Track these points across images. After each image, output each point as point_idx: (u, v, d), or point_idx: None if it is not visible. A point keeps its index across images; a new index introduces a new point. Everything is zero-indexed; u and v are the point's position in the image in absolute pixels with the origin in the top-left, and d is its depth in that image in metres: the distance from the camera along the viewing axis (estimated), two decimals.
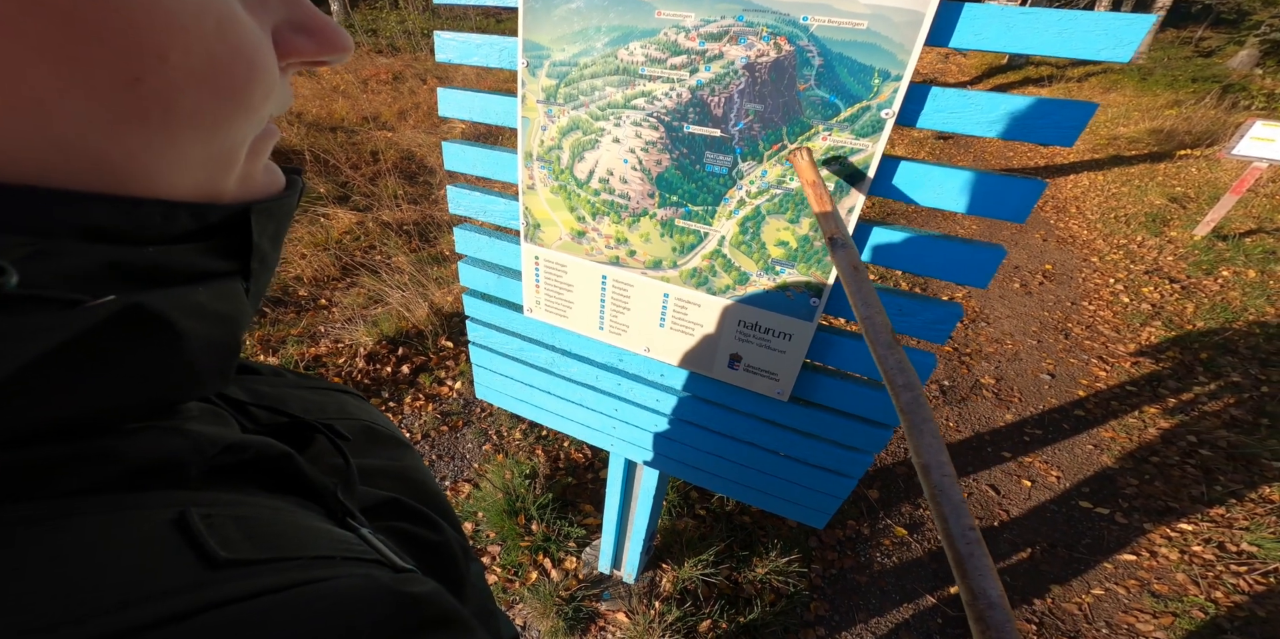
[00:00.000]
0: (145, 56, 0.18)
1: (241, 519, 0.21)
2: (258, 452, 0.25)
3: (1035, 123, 0.57)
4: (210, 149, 0.22)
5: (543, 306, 1.02)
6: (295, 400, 0.37)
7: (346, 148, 4.52)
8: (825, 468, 0.97)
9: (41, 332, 0.17)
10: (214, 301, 0.22)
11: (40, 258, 0.17)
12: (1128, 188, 5.43)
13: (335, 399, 0.41)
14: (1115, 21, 0.51)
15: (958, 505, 0.36)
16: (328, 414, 0.38)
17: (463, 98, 0.92)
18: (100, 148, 0.18)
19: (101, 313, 0.18)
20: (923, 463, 0.39)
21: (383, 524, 0.30)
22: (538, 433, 2.30)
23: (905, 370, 0.44)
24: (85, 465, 0.19)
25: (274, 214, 0.26)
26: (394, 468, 0.37)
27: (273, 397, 0.35)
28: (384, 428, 0.42)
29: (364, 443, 0.38)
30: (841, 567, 1.94)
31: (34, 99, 0.16)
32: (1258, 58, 10.26)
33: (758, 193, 0.72)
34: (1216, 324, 3.27)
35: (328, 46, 0.26)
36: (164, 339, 0.20)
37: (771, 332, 0.83)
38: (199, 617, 0.16)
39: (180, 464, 0.22)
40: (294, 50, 0.25)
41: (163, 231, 0.21)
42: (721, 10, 0.64)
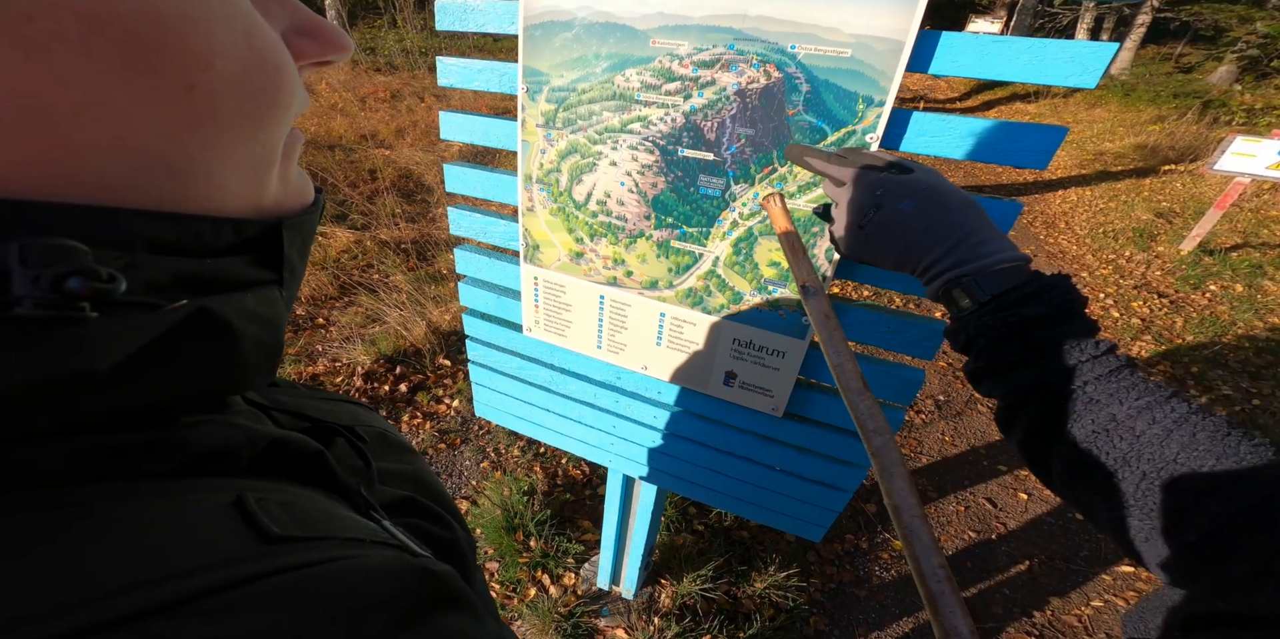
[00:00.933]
0: (195, 66, 0.20)
1: (284, 504, 0.24)
2: (297, 447, 0.28)
3: (1009, 146, 0.60)
4: (253, 148, 0.24)
5: (542, 326, 1.04)
6: (312, 409, 0.39)
7: (344, 166, 4.56)
8: (820, 482, 0.98)
9: (138, 330, 0.19)
10: (260, 306, 0.25)
11: (130, 269, 0.19)
12: (1115, 203, 5.52)
13: (347, 409, 0.43)
14: (1081, 49, 0.54)
15: (928, 545, 0.37)
16: (342, 421, 0.39)
17: (464, 121, 0.94)
18: (166, 153, 0.20)
19: (177, 315, 0.21)
20: (894, 504, 0.40)
21: (399, 520, 0.32)
22: (535, 450, 2.30)
23: (876, 416, 0.45)
24: (158, 452, 0.21)
25: (300, 229, 0.28)
26: (407, 471, 0.39)
27: (292, 404, 0.37)
28: (394, 435, 0.44)
29: (379, 447, 0.40)
30: (840, 581, 1.93)
31: (109, 110, 0.18)
32: (1236, 73, 10.50)
33: (750, 214, 0.75)
34: (1206, 338, 3.30)
35: (330, 47, 0.28)
36: (225, 338, 0.23)
37: (765, 349, 0.84)
38: (257, 583, 0.18)
39: (235, 454, 0.24)
40: (301, 52, 0.27)
41: (211, 245, 0.23)
42: (713, 39, 0.67)
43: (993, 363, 0.47)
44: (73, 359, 0.18)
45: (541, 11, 0.74)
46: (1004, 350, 0.46)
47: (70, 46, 0.17)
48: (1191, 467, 0.39)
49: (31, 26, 0.16)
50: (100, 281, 0.17)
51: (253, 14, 0.22)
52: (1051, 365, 0.45)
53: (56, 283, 0.16)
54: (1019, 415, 0.48)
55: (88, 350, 0.18)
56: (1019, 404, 0.47)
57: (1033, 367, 0.45)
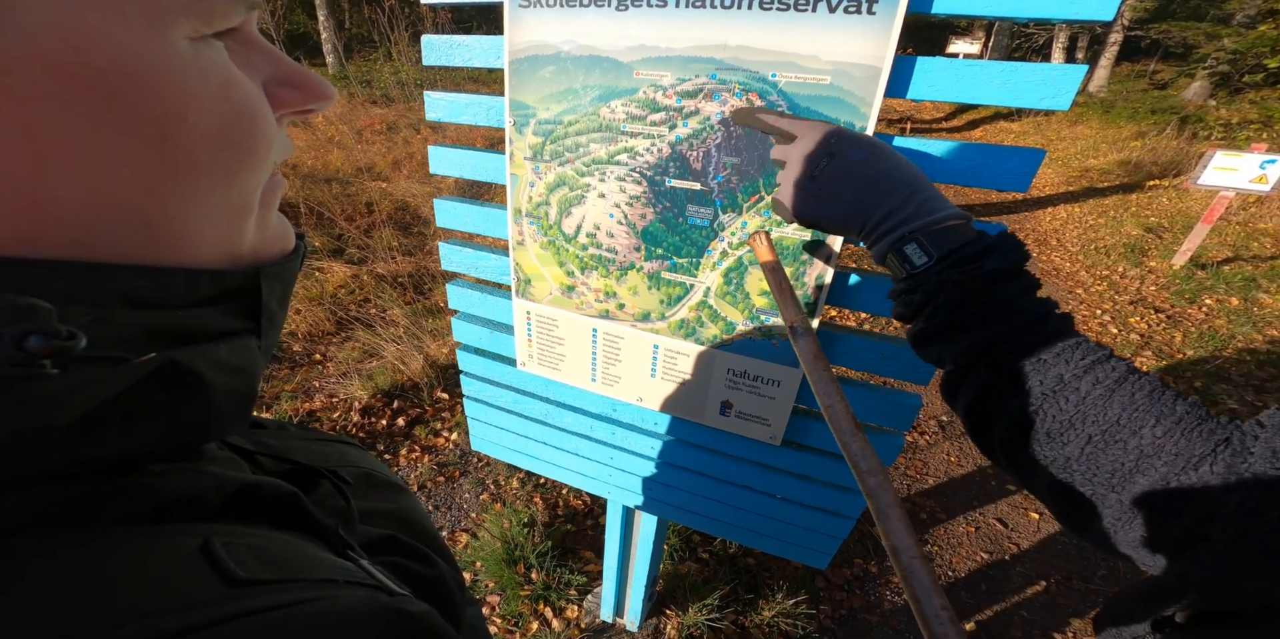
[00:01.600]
0: (169, 118, 0.20)
1: (254, 547, 0.23)
2: (269, 491, 0.28)
3: (989, 171, 0.60)
4: (229, 197, 0.24)
5: (535, 360, 1.03)
6: (300, 451, 0.39)
7: (341, 199, 4.59)
8: (822, 509, 0.96)
9: (101, 384, 0.20)
10: (233, 356, 0.25)
11: (99, 323, 0.20)
12: (1104, 219, 5.57)
13: (336, 449, 0.44)
14: (1052, 72, 0.55)
15: (928, 586, 0.37)
16: (329, 462, 0.40)
17: (453, 155, 0.95)
18: (141, 205, 0.21)
19: (145, 368, 0.21)
20: (892, 545, 0.39)
21: (380, 559, 0.32)
22: (535, 481, 2.26)
23: (868, 456, 0.44)
24: (123, 500, 0.21)
25: (280, 277, 0.28)
26: (391, 510, 0.39)
27: (278, 447, 0.38)
28: (382, 474, 0.44)
29: (363, 488, 0.40)
30: (851, 607, 1.88)
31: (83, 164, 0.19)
32: (1210, 89, 10.74)
33: (739, 244, 0.74)
34: (1206, 352, 3.30)
35: (311, 96, 0.28)
36: (194, 389, 0.23)
37: (760, 378, 0.83)
38: (223, 626, 0.18)
39: (203, 500, 0.24)
40: (283, 102, 0.27)
41: (187, 296, 0.23)
42: (695, 69, 0.68)
43: (947, 322, 0.46)
44: (33, 414, 0.18)
45: (526, 45, 0.75)
46: (961, 309, 0.45)
47: (44, 100, 0.17)
48: (1133, 428, 0.39)
49: (7, 81, 0.17)
50: (60, 339, 0.17)
51: (228, 67, 0.23)
52: (1006, 323, 0.44)
53: (18, 341, 0.17)
54: (968, 378, 0.47)
55: (47, 406, 0.18)
56: (969, 366, 0.46)
57: (987, 325, 0.44)
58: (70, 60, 0.18)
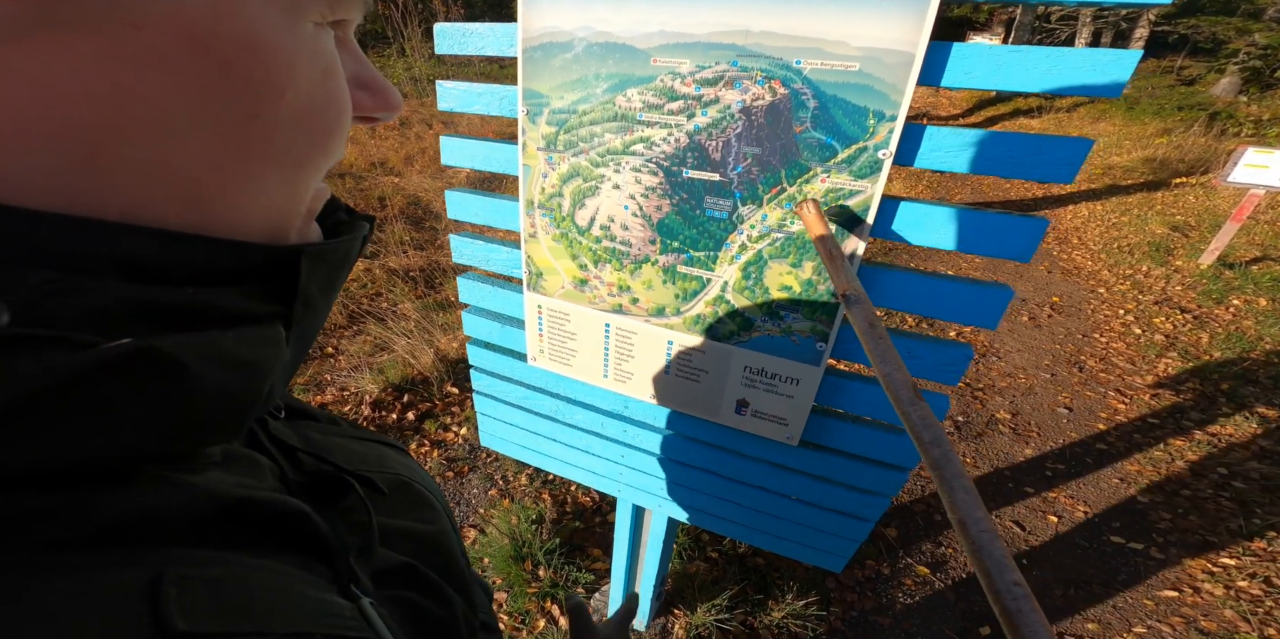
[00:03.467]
0: (268, 95, 0.20)
1: (217, 583, 0.19)
2: (270, 510, 0.24)
3: (1032, 160, 0.57)
4: (287, 190, 0.23)
5: (546, 355, 1.01)
6: (340, 450, 0.36)
7: (355, 194, 4.61)
8: (840, 511, 0.93)
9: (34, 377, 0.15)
10: (241, 347, 0.21)
11: (61, 294, 0.16)
12: (1127, 217, 5.46)
13: (376, 452, 0.41)
14: (1104, 57, 0.51)
15: (1000, 561, 0.34)
16: (368, 466, 0.37)
17: (465, 146, 0.93)
18: (200, 178, 0.20)
19: (103, 356, 0.17)
20: (959, 518, 0.37)
21: (391, 592, 0.29)
22: (544, 478, 2.25)
23: (931, 426, 0.42)
24: (56, 520, 0.17)
25: (328, 258, 0.26)
26: (422, 532, 0.35)
27: (322, 444, 0.35)
28: (422, 485, 0.40)
29: (399, 500, 0.36)
30: (862, 608, 1.85)
31: (165, 129, 0.18)
32: (1239, 85, 10.48)
33: (759, 237, 0.72)
34: (1234, 354, 3.21)
35: (384, 104, 0.28)
36: (173, 386, 0.19)
37: (778, 377, 0.81)
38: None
39: (166, 520, 0.20)
40: (356, 104, 0.26)
41: (202, 270, 0.20)
42: (716, 56, 0.65)
43: None
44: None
45: (540, 32, 0.73)
46: None
47: (162, 62, 0.17)
48: None
49: (135, 36, 0.16)
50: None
51: (335, 56, 0.23)
52: None
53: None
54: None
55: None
56: None
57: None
58: (206, 28, 0.17)
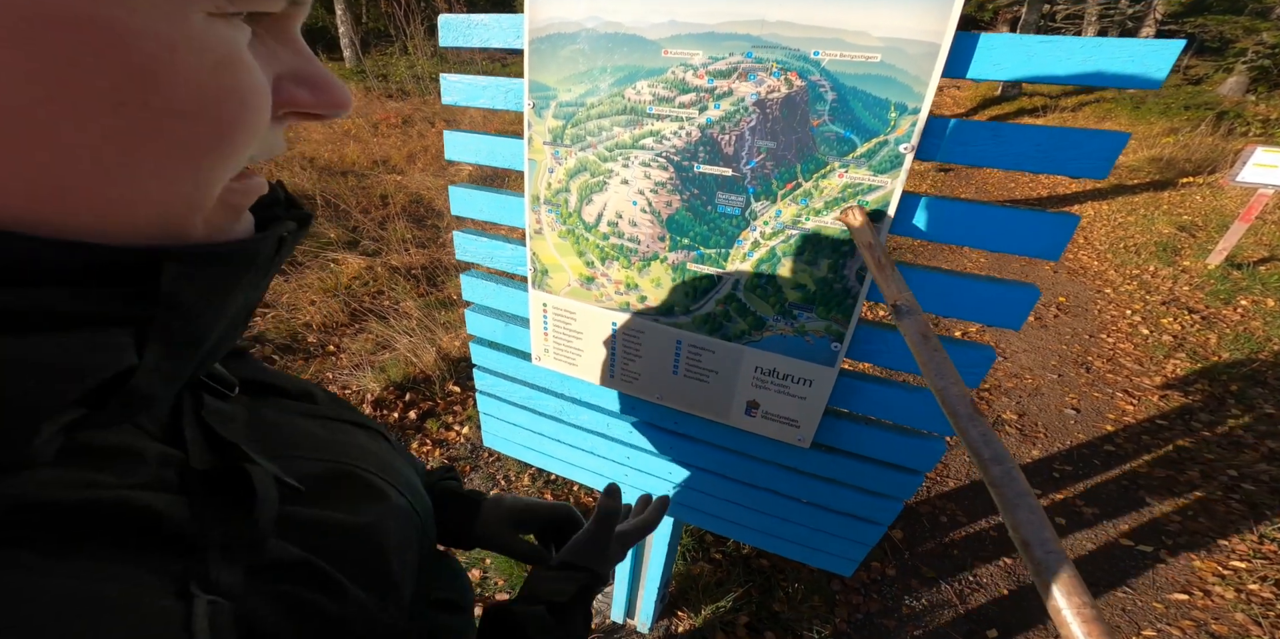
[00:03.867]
0: (135, 83, 0.19)
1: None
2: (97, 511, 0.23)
3: (1065, 155, 0.54)
4: (182, 184, 0.22)
5: (551, 355, 0.99)
6: (291, 432, 0.36)
7: (357, 192, 4.60)
8: (851, 514, 0.92)
9: None
10: (59, 351, 0.20)
11: None
12: (1134, 217, 5.42)
13: (341, 435, 0.40)
14: (1143, 48, 0.49)
15: (1068, 583, 0.32)
16: (310, 451, 0.36)
17: (469, 140, 0.91)
18: (57, 167, 0.19)
19: None
20: (1022, 539, 0.35)
21: (275, 588, 0.27)
22: (546, 477, 2.24)
23: (991, 443, 0.40)
24: None
25: (218, 261, 0.24)
26: (342, 524, 0.33)
27: (271, 425, 0.35)
28: (376, 474, 0.39)
29: (329, 491, 0.34)
30: (868, 611, 1.83)
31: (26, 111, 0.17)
32: (1247, 84, 10.42)
33: (772, 234, 0.69)
34: (1242, 355, 3.18)
35: (325, 102, 0.27)
36: None
37: (790, 378, 0.78)
38: None
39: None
40: (292, 100, 0.26)
41: (25, 268, 0.19)
42: (729, 47, 0.63)
43: None
44: None
45: (547, 23, 0.70)
46: None
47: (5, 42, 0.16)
48: None
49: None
50: None
51: (235, 49, 0.22)
52: None
53: None
54: None
55: None
56: None
57: None
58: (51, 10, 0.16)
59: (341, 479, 0.36)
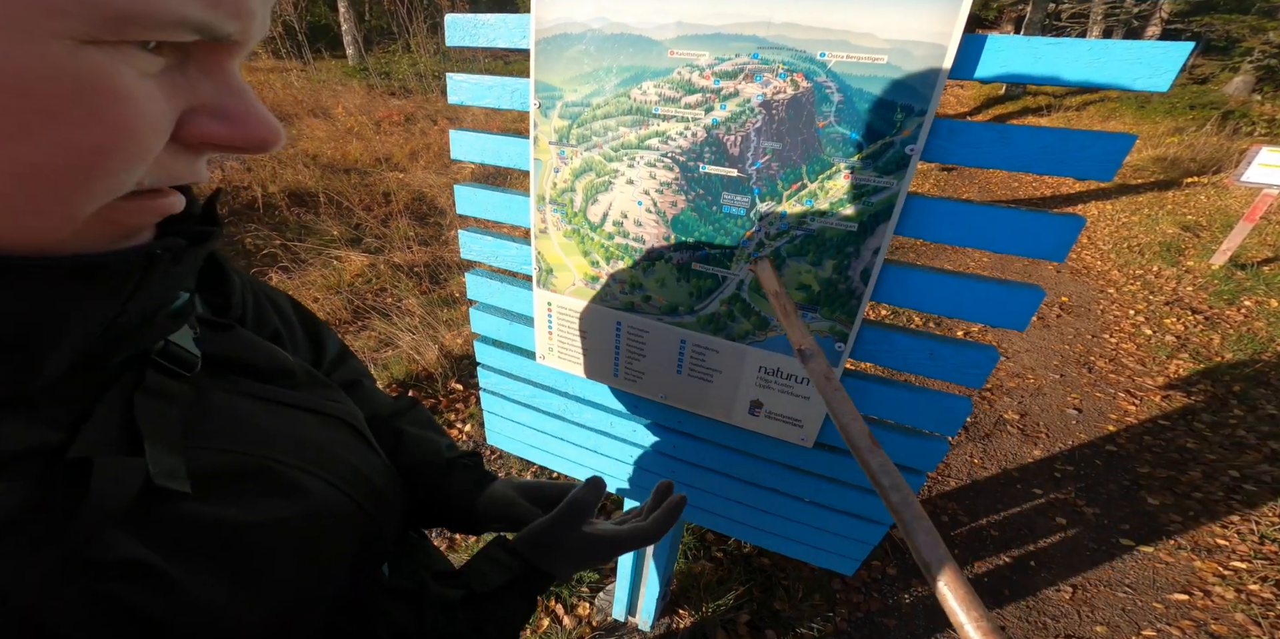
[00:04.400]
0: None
1: None
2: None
3: (1072, 156, 0.54)
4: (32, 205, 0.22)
5: (556, 353, 0.99)
6: (222, 420, 0.36)
7: (360, 189, 4.60)
8: (854, 514, 0.92)
9: None
10: None
11: None
12: (1138, 217, 5.41)
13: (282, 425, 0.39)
14: (1151, 50, 0.49)
15: (966, 599, 0.36)
16: (217, 443, 0.34)
17: (475, 140, 0.91)
18: None
19: None
20: (924, 561, 0.39)
21: (90, 586, 0.26)
22: (549, 475, 2.24)
23: (890, 472, 0.44)
24: None
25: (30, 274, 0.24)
26: (224, 521, 0.32)
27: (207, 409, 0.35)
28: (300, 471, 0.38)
29: (226, 487, 0.33)
30: (868, 610, 1.84)
31: None
32: (1253, 84, 10.38)
33: (777, 234, 0.70)
34: (1245, 356, 3.18)
35: (240, 138, 0.27)
36: None
37: (794, 377, 0.79)
38: None
39: None
40: (202, 133, 0.26)
41: None
42: (736, 48, 0.63)
43: None
44: None
45: (554, 24, 0.71)
46: None
47: None
48: None
49: None
50: None
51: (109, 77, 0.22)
52: None
53: None
54: None
55: None
56: None
57: None
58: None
59: (250, 475, 0.35)
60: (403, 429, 0.62)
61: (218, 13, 0.23)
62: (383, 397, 0.66)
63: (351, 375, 0.64)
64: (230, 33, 0.24)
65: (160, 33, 0.22)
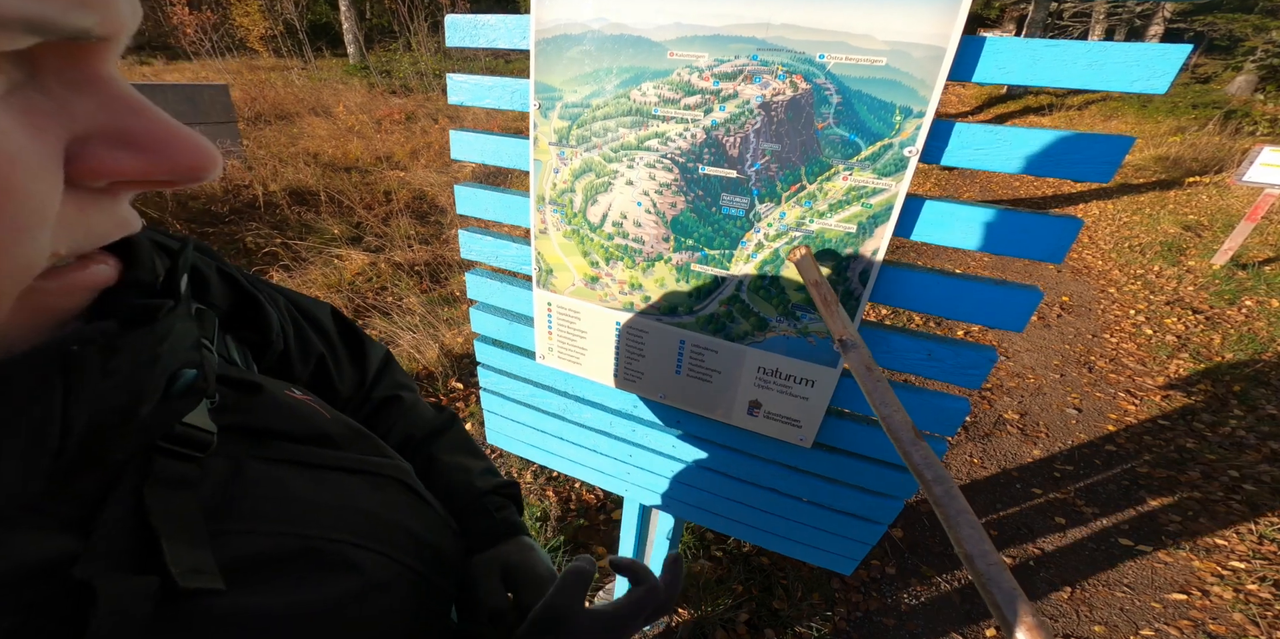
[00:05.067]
0: None
1: None
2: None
3: (1069, 159, 0.55)
4: None
5: (555, 353, 0.99)
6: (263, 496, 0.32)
7: (360, 188, 4.61)
8: (852, 514, 0.92)
9: None
10: None
11: None
12: (1139, 216, 5.41)
13: (330, 495, 0.35)
14: (1149, 52, 0.49)
15: (1010, 593, 0.35)
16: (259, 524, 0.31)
17: (475, 140, 0.91)
18: None
19: None
20: (965, 552, 0.38)
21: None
22: (549, 474, 2.25)
23: (933, 465, 0.44)
24: None
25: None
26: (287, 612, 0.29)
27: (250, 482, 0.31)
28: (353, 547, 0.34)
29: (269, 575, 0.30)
30: (867, 609, 1.84)
31: None
32: (1256, 83, 10.37)
33: (776, 235, 0.70)
34: (1246, 356, 3.18)
35: (160, 169, 0.21)
36: None
37: (793, 378, 0.79)
38: None
39: None
40: (106, 170, 0.20)
41: None
42: (735, 50, 0.63)
43: None
44: None
45: (554, 25, 0.71)
46: None
47: None
48: None
49: None
50: None
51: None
52: None
53: None
54: None
55: None
56: None
57: None
58: None
59: (294, 557, 0.31)
60: (434, 456, 0.57)
61: (55, 2, 0.17)
62: (422, 411, 0.61)
63: (391, 390, 0.60)
64: (87, 27, 0.18)
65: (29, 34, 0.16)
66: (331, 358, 0.53)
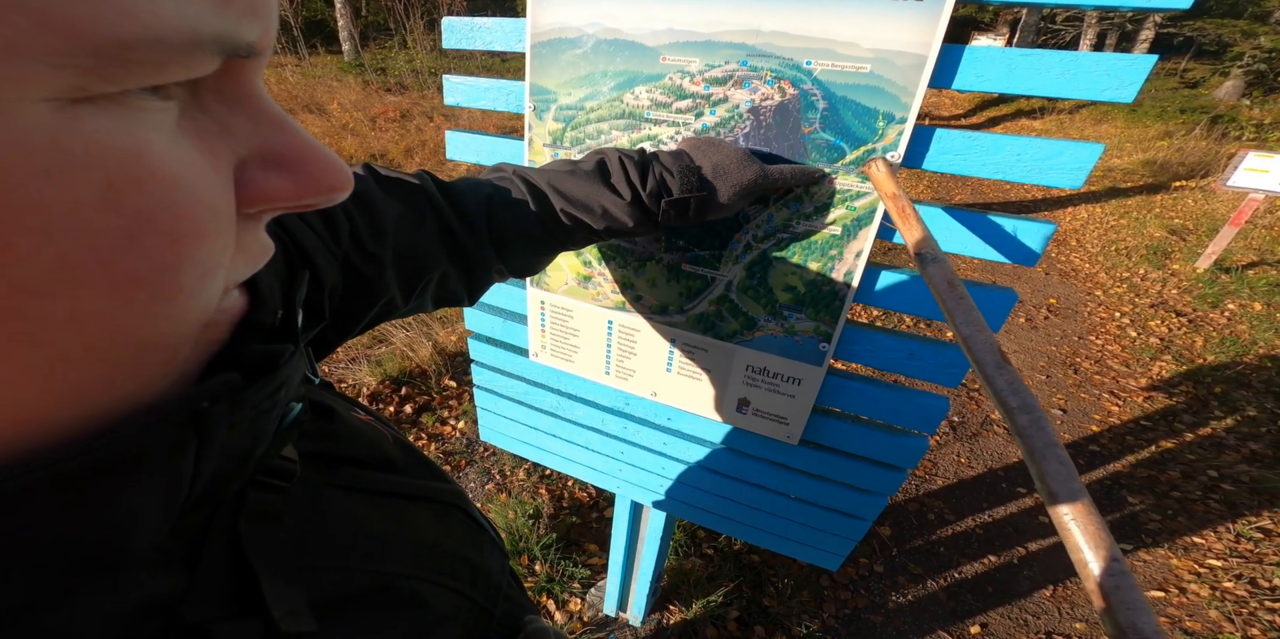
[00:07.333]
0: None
1: None
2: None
3: (1041, 165, 0.57)
4: (123, 340, 0.16)
5: (548, 351, 1.01)
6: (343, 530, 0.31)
7: None
8: (838, 510, 0.94)
9: None
10: None
11: None
12: (1126, 220, 5.47)
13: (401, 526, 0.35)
14: (1118, 62, 0.51)
15: (1096, 536, 0.31)
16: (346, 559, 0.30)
17: (471, 140, 0.93)
18: None
19: None
20: (1050, 490, 0.33)
21: None
22: (541, 472, 2.26)
23: (1020, 391, 0.38)
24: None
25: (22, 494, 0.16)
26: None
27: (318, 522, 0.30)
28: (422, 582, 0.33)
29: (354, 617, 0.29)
30: (855, 606, 1.87)
31: None
32: (1243, 88, 10.50)
33: (764, 237, 0.72)
34: (1227, 358, 3.23)
35: (312, 187, 0.20)
36: None
37: (780, 376, 0.81)
38: None
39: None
40: (264, 194, 0.19)
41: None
42: (725, 55, 0.65)
43: None
44: None
45: (549, 29, 0.72)
46: None
47: None
48: None
49: None
50: None
51: (138, 152, 0.14)
52: None
53: None
54: None
55: None
56: None
57: None
58: None
59: (368, 595, 0.30)
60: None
61: (230, 13, 0.15)
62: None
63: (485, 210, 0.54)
64: (252, 41, 0.17)
65: (176, 65, 0.15)
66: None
